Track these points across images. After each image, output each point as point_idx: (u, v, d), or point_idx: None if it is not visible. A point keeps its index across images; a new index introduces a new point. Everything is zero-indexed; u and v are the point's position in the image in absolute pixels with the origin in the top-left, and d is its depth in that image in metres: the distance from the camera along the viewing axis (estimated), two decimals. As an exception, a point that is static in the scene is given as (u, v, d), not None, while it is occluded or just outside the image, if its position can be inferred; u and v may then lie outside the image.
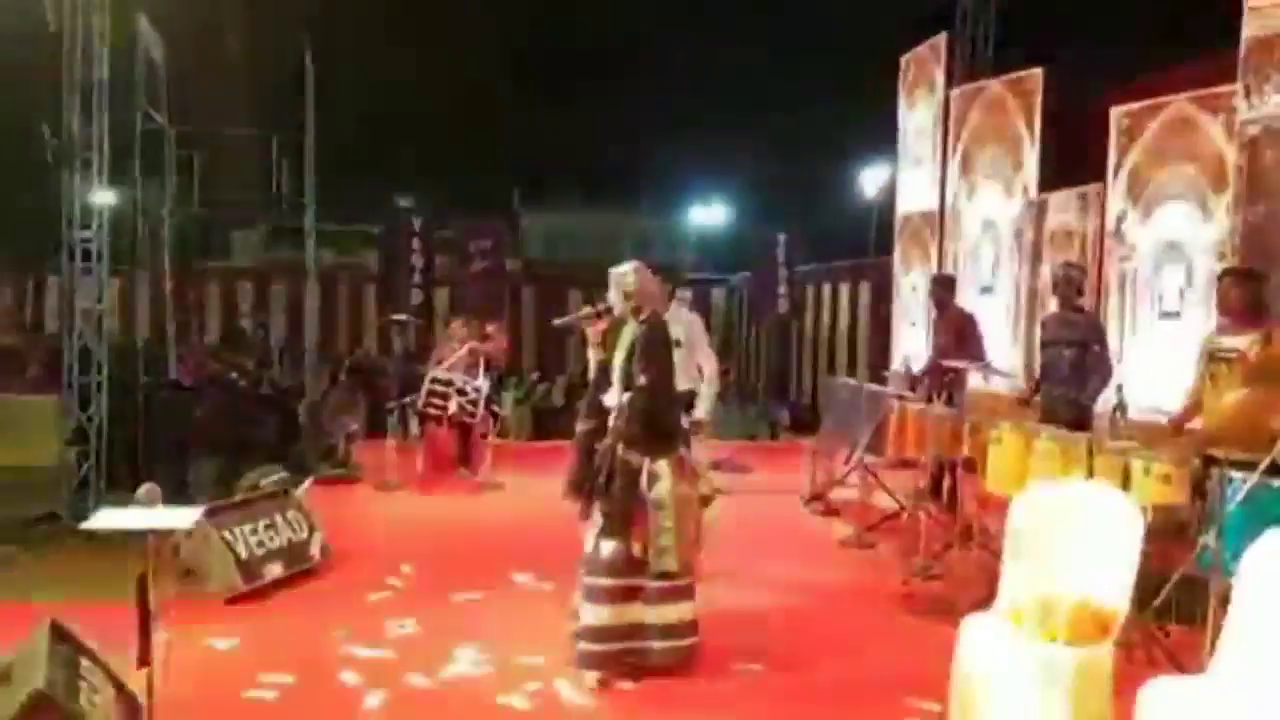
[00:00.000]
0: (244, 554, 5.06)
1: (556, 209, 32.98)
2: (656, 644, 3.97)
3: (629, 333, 4.10)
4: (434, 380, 8.05)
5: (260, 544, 5.20)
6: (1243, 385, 4.36)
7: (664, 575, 3.95)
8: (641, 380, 3.96)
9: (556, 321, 4.51)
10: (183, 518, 3.47)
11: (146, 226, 10.81)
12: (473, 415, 8.03)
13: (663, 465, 3.94)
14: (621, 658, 3.97)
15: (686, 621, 4.02)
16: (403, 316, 10.96)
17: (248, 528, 5.19)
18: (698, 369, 5.66)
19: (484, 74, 24.81)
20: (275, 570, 5.19)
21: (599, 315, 4.21)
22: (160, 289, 11.42)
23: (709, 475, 4.29)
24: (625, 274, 4.15)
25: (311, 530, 5.59)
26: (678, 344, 5.37)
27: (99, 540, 3.42)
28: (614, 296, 4.17)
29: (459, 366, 8.22)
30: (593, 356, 4.26)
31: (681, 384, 5.40)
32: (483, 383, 8.11)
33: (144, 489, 4.27)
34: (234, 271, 16.32)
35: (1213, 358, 4.55)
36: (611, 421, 4.06)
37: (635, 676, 3.97)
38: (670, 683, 3.95)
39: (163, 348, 11.08)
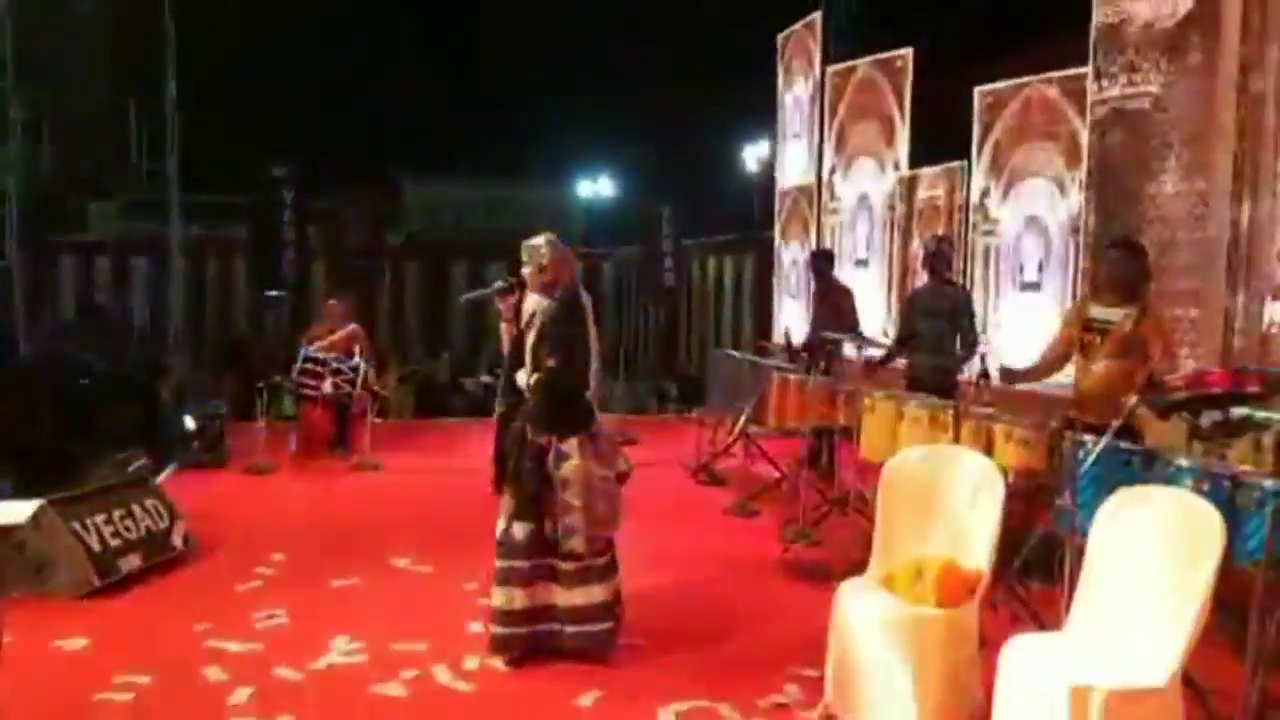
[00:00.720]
0: (97, 546, 4.74)
1: (440, 180, 32.24)
2: (570, 627, 3.91)
3: (543, 308, 3.97)
4: (308, 359, 7.76)
5: (116, 535, 4.88)
6: (1111, 356, 4.57)
7: (571, 556, 3.88)
8: (550, 361, 3.87)
9: (464, 297, 4.35)
10: (16, 512, 3.22)
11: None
12: (349, 395, 7.79)
13: (571, 444, 3.86)
14: (533, 640, 3.91)
15: (596, 604, 3.92)
16: (275, 292, 10.55)
17: (101, 518, 4.86)
18: None
19: (363, 39, 23.90)
20: (133, 562, 4.90)
21: (510, 289, 4.07)
22: (8, 265, 10.66)
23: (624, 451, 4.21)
24: (539, 246, 3.99)
25: (173, 518, 5.31)
26: None
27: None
28: (527, 270, 4.02)
29: (337, 346, 7.96)
30: (504, 331, 4.13)
31: None
32: (359, 361, 7.86)
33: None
34: (90, 245, 15.34)
35: (1086, 327, 4.71)
36: (525, 401, 3.98)
37: (548, 659, 3.91)
38: (550, 660, 3.92)
39: (11, 328, 10.36)
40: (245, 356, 12.16)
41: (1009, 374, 4.78)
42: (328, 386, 7.73)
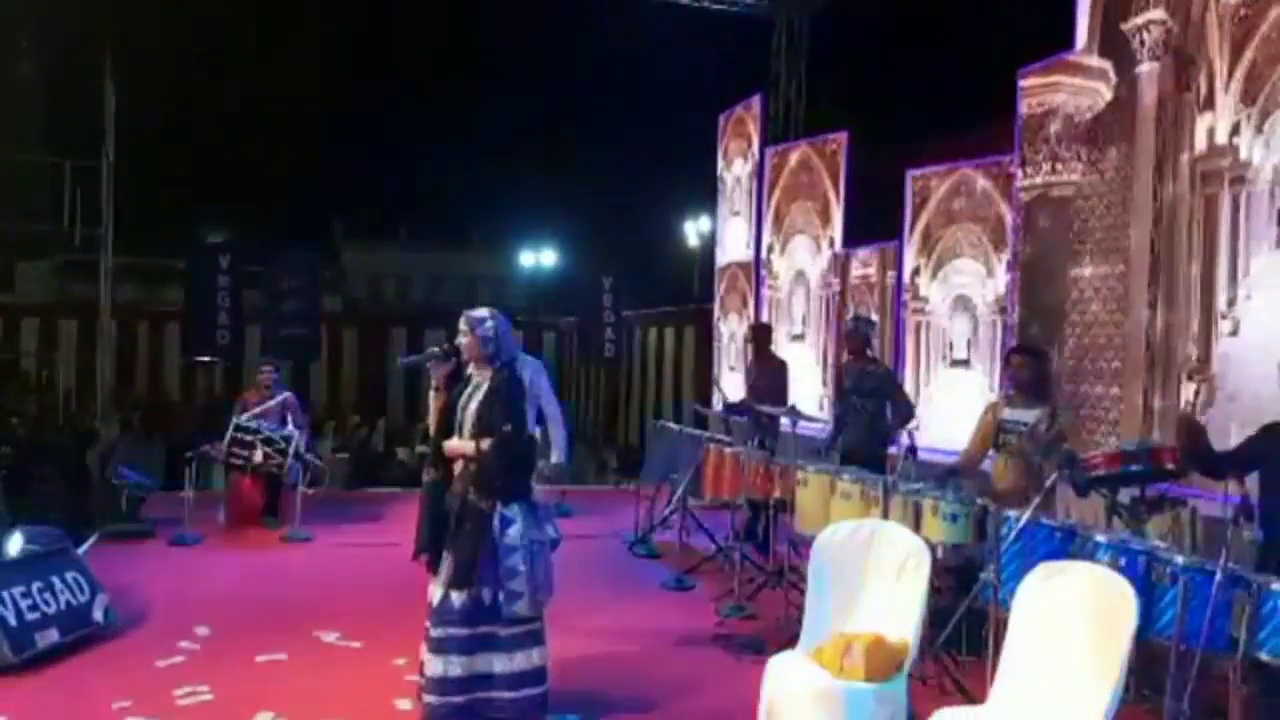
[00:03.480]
0: (13, 621, 4.55)
1: (382, 247, 32.22)
2: (506, 694, 3.88)
3: (484, 378, 4.02)
4: (239, 428, 7.62)
5: (34, 608, 4.69)
6: (1030, 454, 4.80)
7: (515, 621, 3.89)
8: (506, 428, 3.91)
9: (403, 360, 4.34)
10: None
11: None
12: (280, 465, 7.64)
13: (515, 509, 3.90)
14: (469, 710, 3.85)
15: (536, 668, 3.95)
16: (208, 358, 10.37)
17: (19, 590, 4.68)
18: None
19: (303, 104, 24.01)
20: (51, 637, 4.70)
21: (446, 357, 4.08)
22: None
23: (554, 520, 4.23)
24: (485, 319, 4.05)
25: (94, 591, 5.12)
26: None
27: None
28: (465, 340, 4.04)
29: (270, 415, 7.83)
30: (433, 400, 4.12)
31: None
32: (292, 430, 7.74)
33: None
34: (17, 307, 14.96)
35: (1001, 427, 4.97)
36: (459, 469, 3.97)
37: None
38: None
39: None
40: (173, 424, 11.87)
41: (954, 475, 5.00)
42: (258, 456, 7.58)
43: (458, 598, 3.86)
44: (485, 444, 3.90)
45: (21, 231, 12.32)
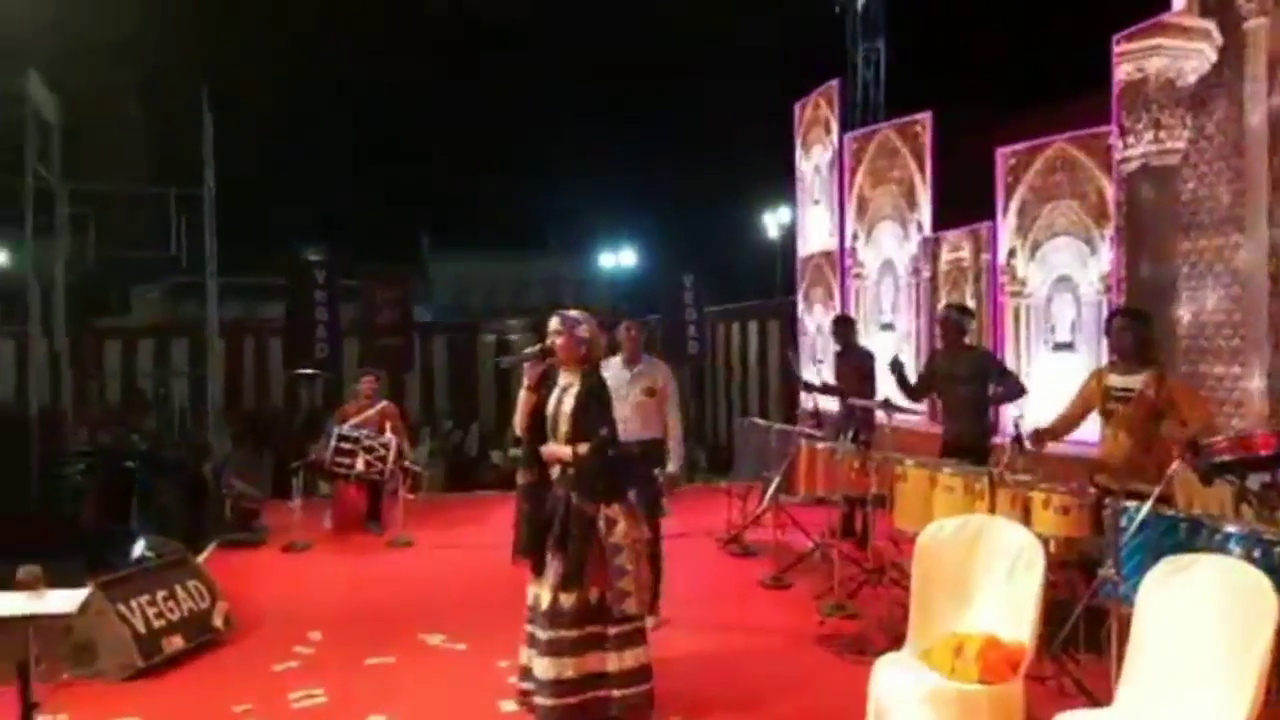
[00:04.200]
0: (142, 628, 4.78)
1: (465, 255, 32.80)
2: (616, 691, 3.93)
3: (573, 380, 4.04)
4: (341, 437, 7.84)
5: (160, 616, 4.92)
6: (1140, 422, 4.56)
7: (624, 619, 3.94)
8: (603, 431, 3.96)
9: (503, 361, 4.36)
10: (65, 601, 3.26)
11: (39, 287, 10.35)
12: (381, 472, 7.84)
13: (616, 510, 3.95)
14: (582, 710, 3.89)
15: (643, 665, 4.00)
16: (309, 371, 10.69)
17: (145, 599, 4.91)
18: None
19: (388, 121, 24.64)
20: (176, 643, 4.92)
21: (543, 356, 4.11)
22: (55, 351, 10.91)
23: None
24: (580, 321, 4.08)
25: (214, 599, 5.34)
26: (652, 393, 5.37)
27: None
28: (560, 340, 4.05)
29: (370, 423, 8.04)
30: (524, 400, 4.14)
31: (655, 432, 5.38)
32: (391, 438, 7.93)
33: (24, 570, 3.99)
34: (133, 330, 15.71)
35: (1109, 395, 4.73)
36: (556, 472, 4.00)
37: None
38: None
39: (58, 412, 10.57)
40: (280, 435, 12.28)
41: (1039, 437, 4.78)
42: (360, 464, 7.79)
43: (567, 600, 3.89)
44: (583, 449, 3.91)
45: (134, 258, 12.93)
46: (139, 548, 5.70)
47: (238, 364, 14.57)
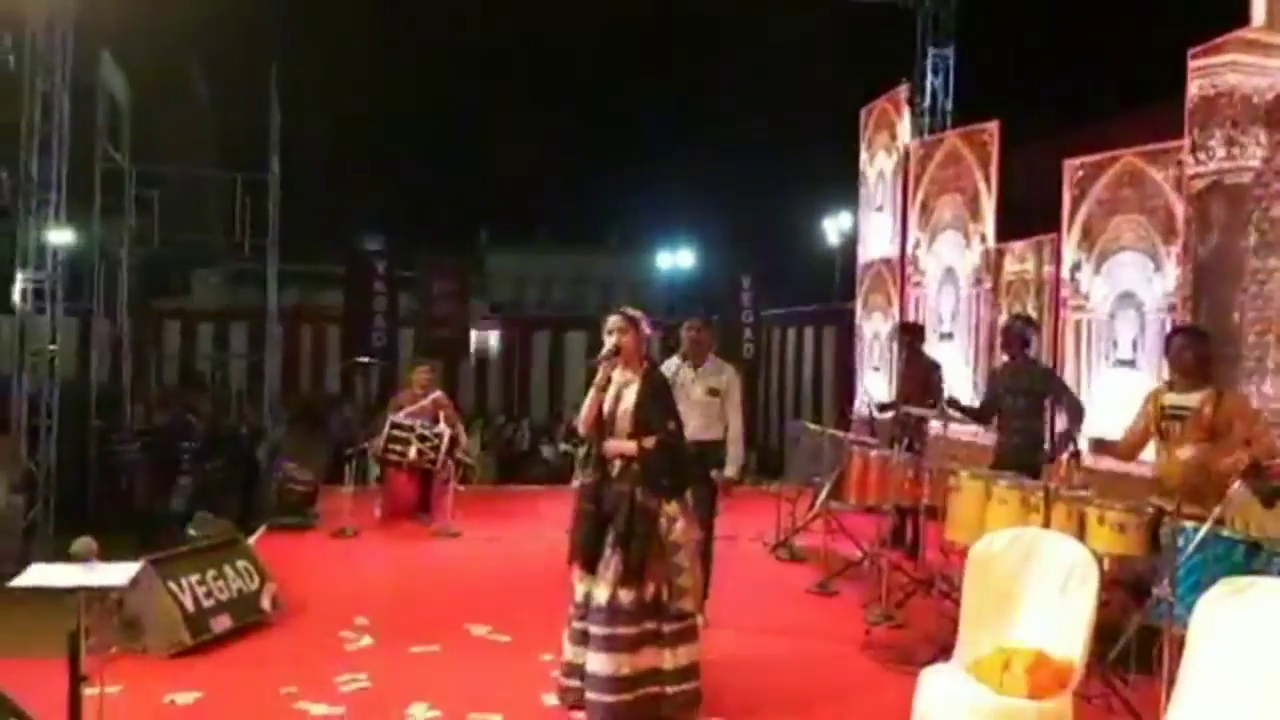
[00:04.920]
0: (191, 606, 4.90)
1: (523, 250, 33.04)
2: (670, 688, 3.95)
3: (631, 377, 4.06)
4: (395, 425, 7.95)
5: (208, 595, 5.04)
6: (1197, 442, 4.46)
7: (680, 616, 3.96)
8: (671, 425, 4.00)
9: (591, 361, 4.29)
10: (117, 574, 3.35)
11: (104, 267, 10.66)
12: (433, 462, 7.93)
13: (675, 507, 3.98)
14: (638, 705, 3.90)
15: (694, 663, 4.03)
16: (366, 359, 10.87)
17: (195, 578, 5.03)
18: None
19: (452, 114, 24.93)
20: (224, 623, 5.04)
21: (614, 356, 4.11)
22: (117, 330, 11.24)
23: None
24: (642, 319, 4.12)
25: (263, 580, 5.45)
26: (715, 393, 5.37)
27: (34, 593, 3.30)
28: (625, 338, 4.04)
29: (424, 413, 8.14)
30: (591, 398, 4.14)
31: (714, 434, 5.39)
32: (444, 428, 8.02)
33: (79, 542, 4.12)
34: (193, 313, 16.11)
35: (1164, 414, 4.64)
36: (617, 468, 4.01)
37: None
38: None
39: (118, 391, 10.88)
40: (335, 422, 12.51)
41: (1100, 445, 4.71)
42: (413, 453, 7.89)
43: (627, 596, 3.89)
44: (649, 442, 3.92)
45: (197, 242, 13.26)
46: (191, 528, 5.85)
47: (295, 350, 14.87)
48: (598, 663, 3.90)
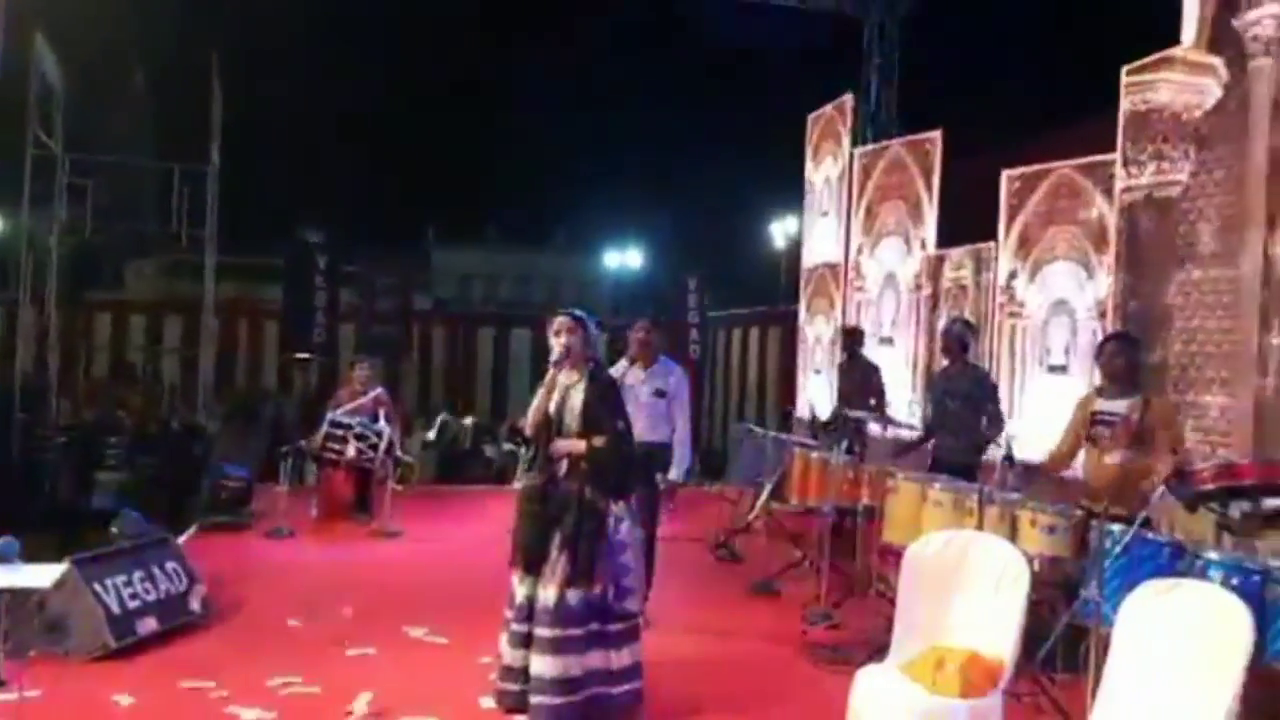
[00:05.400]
0: (116, 608, 4.73)
1: (470, 248, 32.80)
2: (614, 689, 3.94)
3: (576, 378, 4.03)
4: (333, 423, 7.83)
5: (134, 597, 4.87)
6: (1124, 447, 4.59)
7: (625, 616, 3.95)
8: (620, 425, 3.98)
9: (551, 365, 4.21)
10: (40, 575, 3.24)
11: (32, 256, 10.30)
12: (371, 460, 7.82)
13: (621, 507, 3.96)
14: (584, 707, 3.88)
15: (638, 662, 4.02)
16: (305, 355, 10.69)
17: (121, 579, 4.85)
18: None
19: (399, 108, 24.65)
20: (150, 625, 4.88)
21: (565, 357, 4.07)
22: (45, 321, 10.87)
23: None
24: (589, 320, 4.08)
25: (192, 581, 5.31)
26: (662, 395, 5.36)
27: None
28: (572, 338, 4.01)
29: (364, 410, 8.02)
30: (540, 400, 4.08)
31: (660, 436, 5.37)
32: (384, 426, 7.91)
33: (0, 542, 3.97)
34: (126, 305, 15.65)
35: (1094, 419, 4.76)
36: (564, 468, 3.98)
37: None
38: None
39: (44, 384, 10.52)
40: (270, 418, 12.26)
41: (1043, 469, 4.82)
42: (351, 451, 7.78)
43: (574, 596, 3.85)
44: (599, 441, 3.91)
45: (132, 232, 12.88)
46: (114, 526, 5.67)
47: (232, 344, 14.54)
48: (544, 665, 3.86)
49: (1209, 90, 6.29)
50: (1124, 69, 6.91)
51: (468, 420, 13.04)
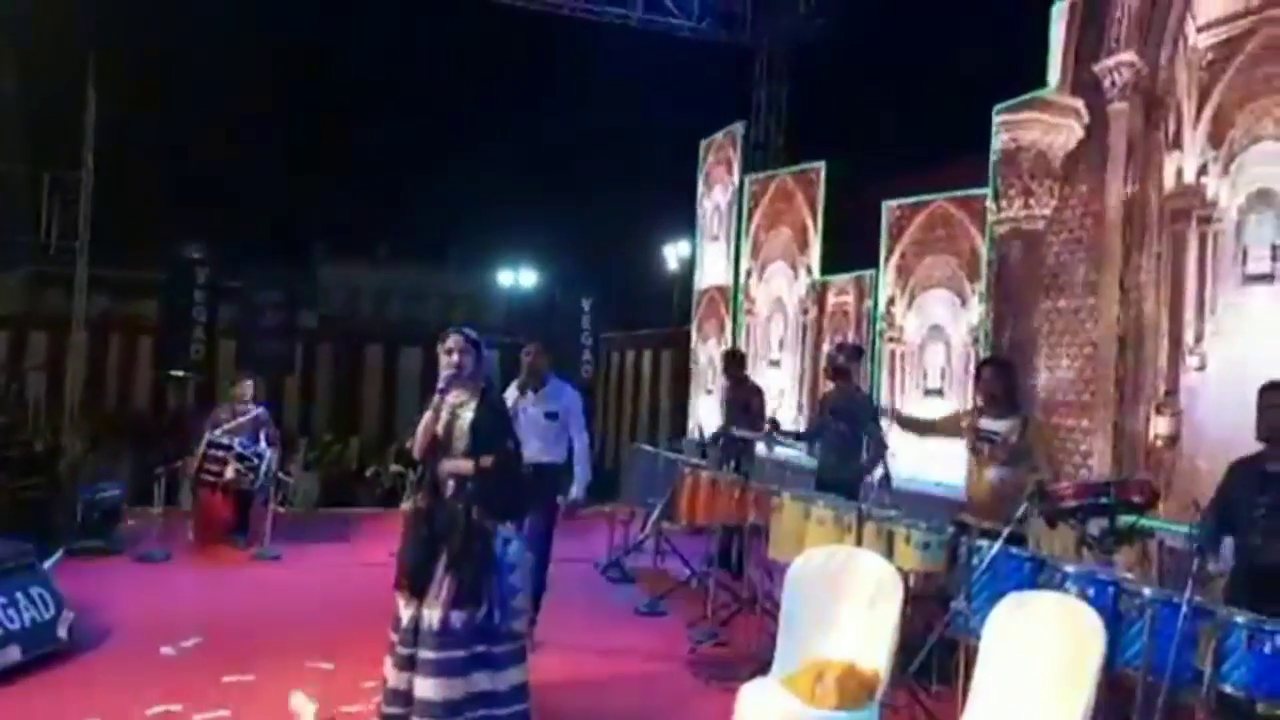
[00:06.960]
0: (-26, 637, 4.50)
1: (359, 264, 32.08)
2: (500, 710, 3.88)
3: (466, 397, 4.00)
4: (211, 444, 7.55)
5: (-5, 625, 4.64)
6: (1001, 464, 4.86)
7: (510, 636, 3.92)
8: (509, 444, 3.97)
9: (442, 385, 4.13)
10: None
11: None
12: (252, 482, 7.57)
13: (510, 528, 3.95)
14: None
15: (523, 683, 3.98)
16: (181, 372, 10.28)
17: (-20, 606, 4.62)
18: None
19: (290, 119, 24.00)
20: (13, 655, 4.63)
21: (456, 378, 4.01)
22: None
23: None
24: (480, 340, 4.06)
25: (60, 608, 5.05)
26: (554, 417, 5.35)
27: None
28: (465, 358, 3.98)
29: (244, 430, 7.76)
30: (427, 421, 4.01)
31: (554, 456, 5.37)
32: (265, 447, 7.68)
33: None
34: (-12, 319, 14.75)
35: (978, 435, 5.03)
36: (451, 488, 3.93)
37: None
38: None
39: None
40: (143, 438, 11.74)
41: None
42: (230, 472, 7.51)
43: (458, 618, 3.81)
44: (486, 461, 3.89)
45: (-2, 242, 12.16)
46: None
47: (102, 361, 13.88)
48: (427, 688, 3.81)
49: (1072, 130, 6.73)
50: (995, 108, 7.33)
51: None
